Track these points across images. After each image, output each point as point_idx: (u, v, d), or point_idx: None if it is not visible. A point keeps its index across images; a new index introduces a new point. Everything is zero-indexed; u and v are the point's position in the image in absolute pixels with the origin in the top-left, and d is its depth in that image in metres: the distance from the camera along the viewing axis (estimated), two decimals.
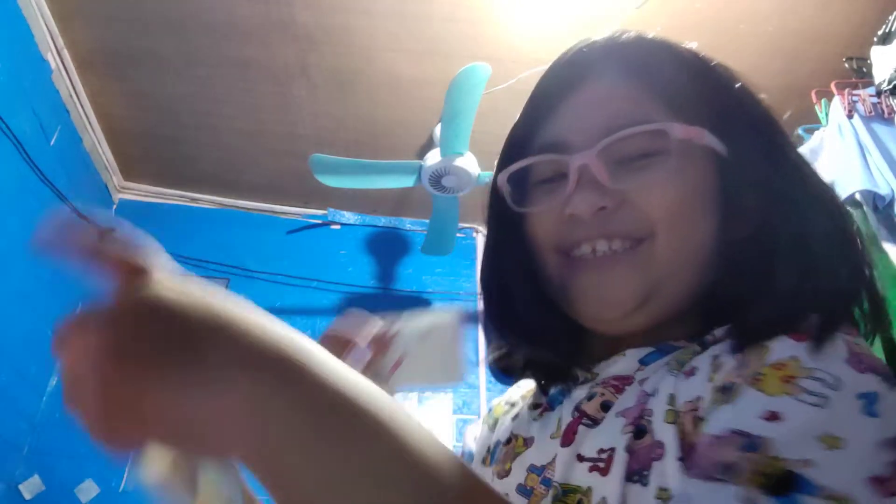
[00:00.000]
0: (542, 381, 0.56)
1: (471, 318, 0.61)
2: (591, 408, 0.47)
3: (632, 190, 0.46)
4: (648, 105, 0.48)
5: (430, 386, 2.21)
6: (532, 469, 0.49)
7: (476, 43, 2.16)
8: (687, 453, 0.37)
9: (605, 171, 0.46)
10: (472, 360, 2.39)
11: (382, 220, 3.04)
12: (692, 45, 0.53)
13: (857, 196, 1.79)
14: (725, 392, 0.36)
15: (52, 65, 2.18)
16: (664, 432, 0.39)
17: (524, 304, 0.53)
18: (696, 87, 0.49)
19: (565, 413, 0.49)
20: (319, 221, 2.99)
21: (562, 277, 0.49)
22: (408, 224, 3.05)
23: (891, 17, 1.90)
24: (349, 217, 3.01)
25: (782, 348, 0.36)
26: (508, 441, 0.54)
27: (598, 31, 0.54)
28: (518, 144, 0.53)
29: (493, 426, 0.61)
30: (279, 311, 2.68)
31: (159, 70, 2.32)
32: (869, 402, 0.33)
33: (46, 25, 2.10)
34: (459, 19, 2.10)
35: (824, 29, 2.09)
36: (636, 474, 0.39)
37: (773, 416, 0.32)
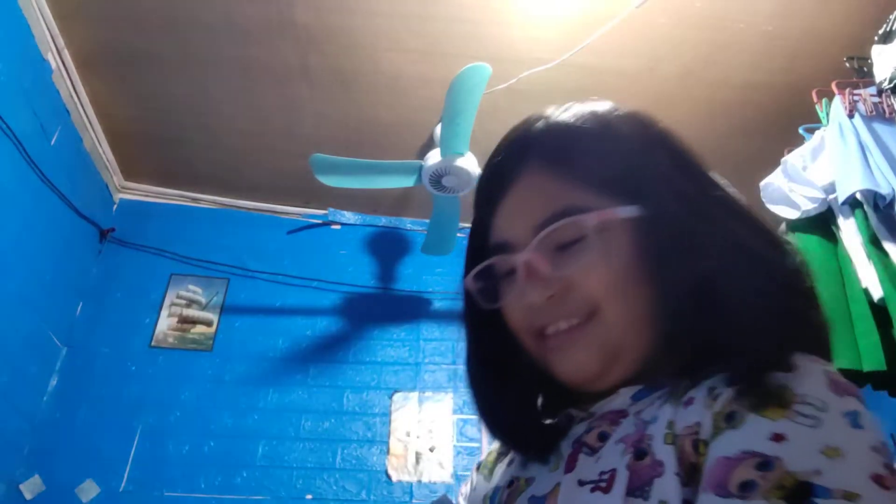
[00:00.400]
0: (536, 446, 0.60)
1: None
2: (590, 439, 0.52)
3: (571, 275, 0.52)
4: (568, 191, 0.53)
5: None
6: (533, 500, 0.52)
7: (476, 43, 2.16)
8: (689, 472, 0.41)
9: (547, 262, 0.52)
10: None
11: (382, 220, 3.04)
12: (603, 104, 0.58)
13: (858, 195, 1.79)
14: (730, 419, 0.41)
15: (53, 65, 2.18)
16: (664, 452, 0.43)
17: (516, 382, 0.60)
18: (607, 160, 0.53)
19: (564, 447, 0.54)
20: (320, 221, 2.99)
21: (539, 354, 0.56)
22: (408, 224, 3.05)
23: (891, 16, 1.90)
24: (349, 217, 3.01)
25: (772, 380, 0.42)
26: (511, 483, 0.58)
27: (599, 31, 0.54)
28: (477, 247, 0.60)
29: (489, 475, 0.66)
30: (279, 311, 2.69)
31: (160, 70, 2.32)
32: (854, 419, 0.39)
33: (47, 25, 2.10)
34: (460, 19, 2.10)
35: (825, 28, 2.08)
36: (638, 490, 0.43)
37: (778, 438, 0.38)
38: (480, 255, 0.59)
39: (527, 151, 0.56)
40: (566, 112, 0.57)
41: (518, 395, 0.61)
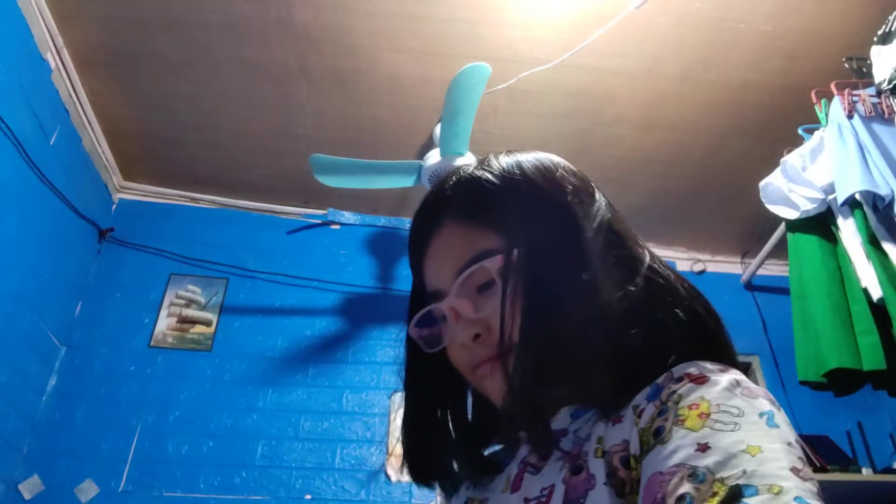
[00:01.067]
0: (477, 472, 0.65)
1: None
2: (534, 458, 0.55)
3: (487, 316, 0.56)
4: (481, 238, 0.58)
5: None
6: None
7: (476, 43, 2.16)
8: (620, 486, 0.44)
9: (470, 305, 0.57)
10: None
11: (382, 220, 3.04)
12: (506, 159, 0.62)
13: (857, 196, 1.79)
14: (657, 434, 0.44)
15: (52, 64, 2.18)
16: (595, 466, 0.47)
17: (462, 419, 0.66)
18: (506, 209, 0.59)
19: (512, 468, 0.58)
20: (319, 221, 2.99)
21: (475, 385, 0.61)
22: (408, 224, 3.04)
23: (890, 17, 1.90)
24: (349, 217, 3.01)
25: (689, 392, 0.45)
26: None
27: (599, 31, 0.54)
28: (416, 296, 0.66)
29: (451, 497, 0.70)
30: (279, 311, 2.69)
31: (159, 70, 2.32)
32: (769, 418, 0.42)
33: (46, 25, 2.10)
34: (459, 19, 2.10)
35: (824, 29, 2.08)
36: (573, 502, 0.46)
37: (703, 447, 0.40)
38: (420, 302, 0.64)
39: (442, 206, 0.62)
40: (480, 167, 0.62)
41: (462, 426, 0.65)
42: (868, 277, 1.78)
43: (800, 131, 2.19)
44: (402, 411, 0.72)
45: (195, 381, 2.47)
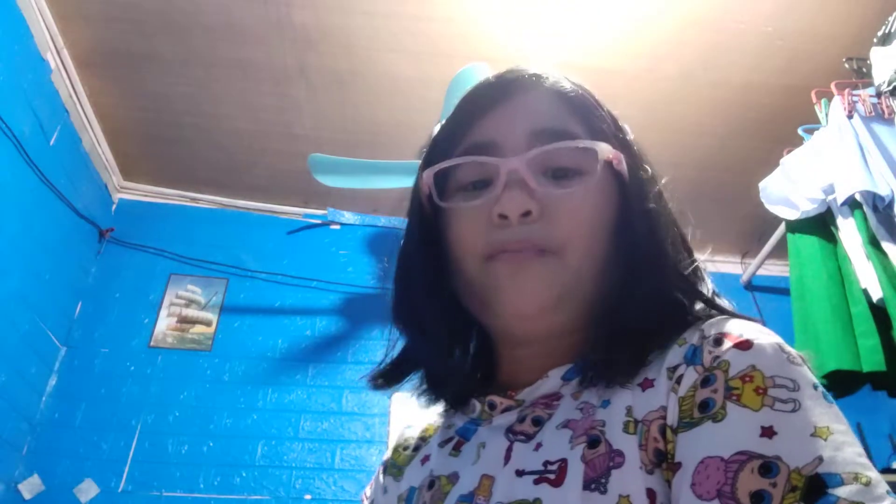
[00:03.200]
0: (446, 400, 0.58)
1: None
2: (524, 426, 0.49)
3: (553, 201, 0.49)
4: (571, 123, 0.52)
5: None
6: (461, 498, 0.48)
7: (476, 43, 2.16)
8: (655, 458, 0.40)
9: (533, 178, 0.49)
10: None
11: (382, 220, 3.04)
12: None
13: (857, 196, 1.79)
14: (706, 408, 0.39)
15: (52, 64, 2.18)
16: (623, 442, 0.41)
17: (433, 316, 0.55)
18: (605, 121, 0.54)
19: (490, 441, 0.50)
20: (319, 221, 2.98)
21: (482, 280, 0.50)
22: None
23: (890, 18, 1.90)
24: (349, 217, 3.01)
25: (736, 359, 0.41)
26: (432, 485, 0.53)
27: (598, 31, 0.55)
28: (445, 145, 0.55)
29: (398, 475, 0.61)
30: (278, 311, 2.68)
31: (159, 70, 2.32)
32: (824, 393, 0.39)
33: (46, 25, 2.10)
34: (459, 19, 2.10)
35: (824, 29, 2.08)
36: (593, 482, 0.40)
37: (769, 432, 0.36)
38: (446, 153, 0.54)
39: (539, 78, 0.54)
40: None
41: (454, 311, 0.56)
42: (868, 278, 1.78)
43: (800, 131, 2.19)
44: (401, 412, 0.65)
45: (195, 381, 2.47)
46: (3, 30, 1.92)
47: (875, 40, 1.96)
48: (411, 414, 0.64)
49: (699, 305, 0.50)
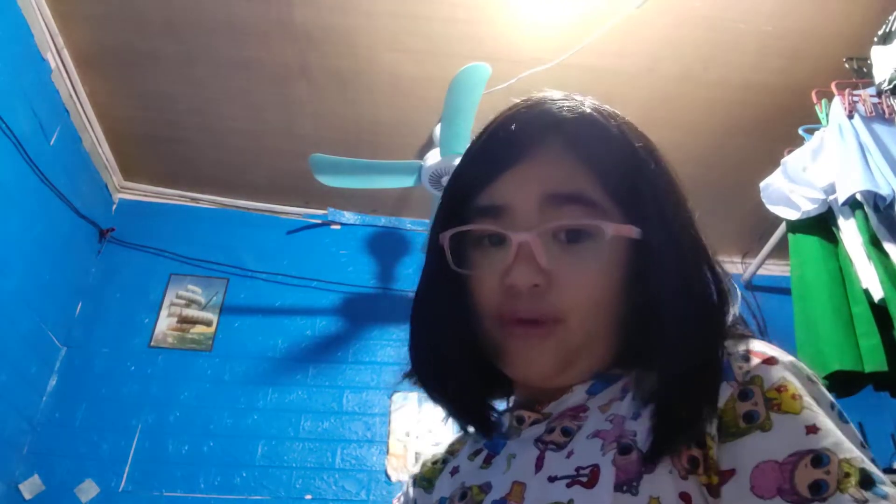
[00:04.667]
0: (476, 427, 0.59)
1: None
2: (554, 437, 0.51)
3: (562, 272, 0.50)
4: (587, 183, 0.51)
5: None
6: None
7: (476, 43, 2.16)
8: (689, 465, 0.42)
9: (543, 251, 0.50)
10: None
11: (382, 220, 3.04)
12: (612, 108, 0.56)
13: (858, 196, 1.79)
14: (751, 419, 0.42)
15: (52, 64, 2.18)
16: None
17: (457, 360, 0.57)
18: (624, 170, 0.52)
19: (520, 451, 0.52)
20: (319, 221, 2.98)
21: (496, 339, 0.53)
22: (408, 224, 3.05)
23: (891, 17, 1.90)
24: (349, 217, 3.01)
25: (767, 374, 0.44)
26: (464, 495, 0.55)
27: (599, 31, 0.54)
28: (459, 203, 0.55)
29: (429, 487, 0.64)
30: (279, 311, 2.68)
31: (159, 70, 2.32)
32: (840, 411, 0.43)
33: (46, 25, 2.10)
34: (459, 19, 2.09)
35: (824, 29, 2.08)
36: (625, 484, 0.43)
37: (813, 429, 0.40)
38: (459, 213, 0.54)
39: (553, 128, 0.53)
40: (589, 105, 0.55)
41: (468, 374, 0.57)
42: (869, 278, 1.78)
43: (800, 131, 2.18)
44: (402, 411, 0.66)
45: (195, 381, 2.47)
46: (3, 29, 1.91)
47: (875, 39, 1.95)
48: (413, 415, 0.65)
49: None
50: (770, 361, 0.45)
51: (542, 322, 0.50)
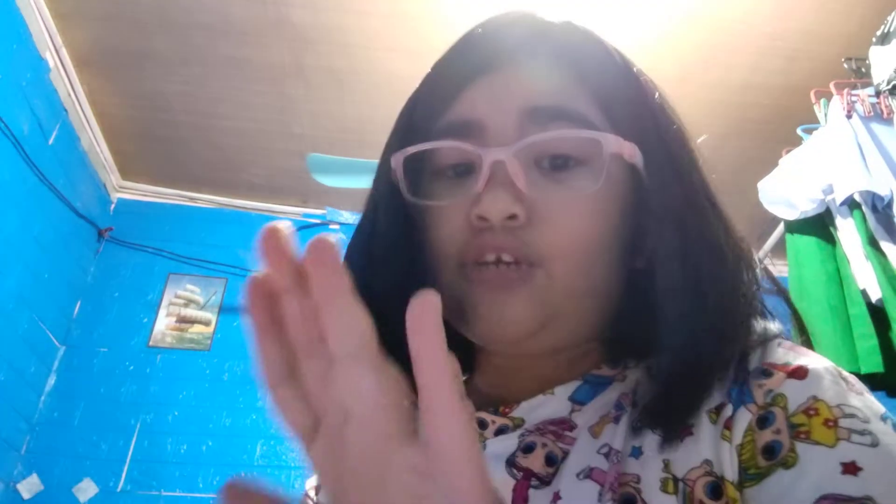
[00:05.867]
0: None
1: None
2: (536, 464, 0.39)
3: (545, 204, 0.40)
4: (579, 98, 0.42)
5: None
6: None
7: None
8: None
9: (523, 174, 0.39)
10: None
11: None
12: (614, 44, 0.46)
13: (856, 196, 1.79)
14: (772, 454, 0.33)
15: (51, 63, 2.18)
16: (663, 502, 0.35)
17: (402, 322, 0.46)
18: (627, 92, 0.43)
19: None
20: (318, 221, 2.98)
21: (459, 290, 0.41)
22: None
23: (890, 18, 1.90)
24: (348, 217, 3.01)
25: (793, 391, 0.35)
26: None
27: (598, 31, 0.51)
28: (418, 122, 0.45)
29: None
30: None
31: (157, 69, 2.31)
32: (894, 423, 0.33)
33: (44, 24, 2.09)
34: (457, 19, 2.09)
35: (823, 29, 2.08)
36: None
37: (852, 468, 0.31)
38: (419, 133, 0.44)
39: (539, 35, 0.44)
40: (584, 26, 0.46)
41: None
42: (867, 278, 1.78)
43: (799, 131, 2.19)
44: None
45: (194, 380, 2.47)
46: (1, 29, 1.91)
47: (874, 40, 1.95)
48: None
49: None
50: (797, 374, 0.35)
51: (518, 264, 0.39)
